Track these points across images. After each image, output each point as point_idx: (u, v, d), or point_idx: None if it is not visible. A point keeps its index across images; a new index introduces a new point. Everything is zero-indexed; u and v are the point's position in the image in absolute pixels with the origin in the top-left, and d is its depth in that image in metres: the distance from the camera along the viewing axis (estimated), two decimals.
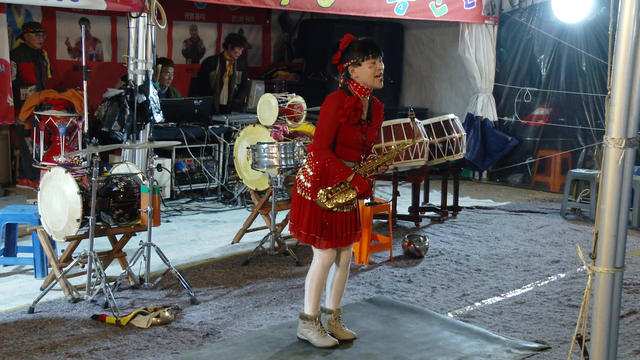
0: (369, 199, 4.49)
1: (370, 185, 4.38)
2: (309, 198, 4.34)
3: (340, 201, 4.30)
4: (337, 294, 4.60)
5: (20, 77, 8.56)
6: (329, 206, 4.28)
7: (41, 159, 7.85)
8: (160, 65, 8.70)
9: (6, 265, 5.90)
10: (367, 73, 4.29)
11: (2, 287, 5.44)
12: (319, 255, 4.43)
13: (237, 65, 9.81)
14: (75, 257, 5.12)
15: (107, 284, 4.87)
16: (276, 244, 6.38)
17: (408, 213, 7.95)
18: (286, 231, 6.55)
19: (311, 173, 4.34)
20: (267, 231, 6.41)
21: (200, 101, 8.79)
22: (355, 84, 4.33)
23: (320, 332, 4.47)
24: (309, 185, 4.34)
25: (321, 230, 4.34)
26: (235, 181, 8.61)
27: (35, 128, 8.01)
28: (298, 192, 4.40)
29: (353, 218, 4.46)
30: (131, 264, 5.32)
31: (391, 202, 7.39)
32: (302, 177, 4.40)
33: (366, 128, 4.38)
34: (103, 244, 5.73)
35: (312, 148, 4.40)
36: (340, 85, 4.40)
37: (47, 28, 9.28)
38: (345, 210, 4.38)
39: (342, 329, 4.58)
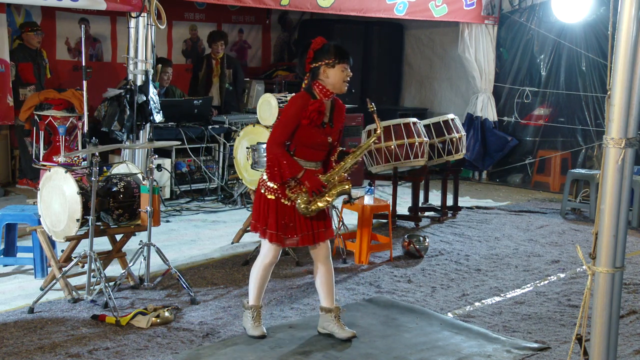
0: (348, 197, 4.52)
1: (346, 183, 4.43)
2: (272, 197, 4.41)
3: (321, 205, 4.38)
4: (327, 289, 4.62)
5: (19, 77, 8.56)
6: (311, 211, 4.37)
7: (41, 159, 7.85)
8: (159, 65, 8.70)
9: (6, 265, 5.89)
10: (338, 76, 4.37)
11: (2, 287, 5.44)
12: (266, 251, 4.53)
13: (226, 63, 9.75)
14: (75, 257, 5.12)
15: (107, 284, 4.87)
16: None
17: (408, 213, 7.95)
18: None
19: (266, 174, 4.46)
20: None
21: (200, 101, 8.80)
22: (321, 87, 4.40)
23: (254, 321, 4.58)
24: (270, 184, 4.42)
25: (284, 230, 4.43)
26: (235, 181, 8.61)
27: (35, 128, 8.01)
28: (261, 191, 4.47)
29: (321, 215, 4.50)
30: (131, 264, 5.31)
31: (391, 202, 7.40)
32: (264, 176, 4.48)
33: (329, 130, 4.45)
34: (103, 244, 5.73)
35: (267, 142, 4.48)
36: (304, 86, 4.47)
37: (46, 28, 9.28)
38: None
39: (343, 328, 4.59)
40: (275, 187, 4.40)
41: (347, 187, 4.45)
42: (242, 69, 10.40)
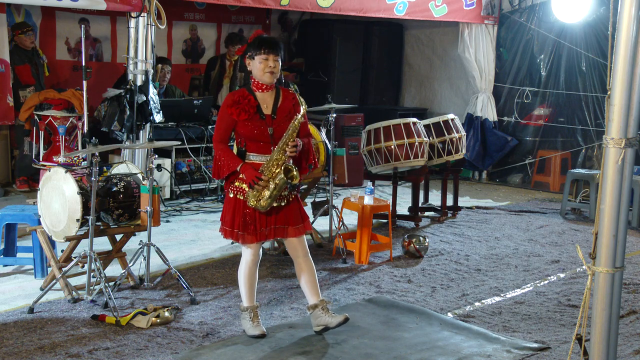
0: (291, 181, 4.43)
1: (289, 170, 4.38)
2: (231, 195, 4.47)
3: (267, 196, 4.34)
4: (310, 285, 4.61)
5: (17, 80, 8.54)
6: (263, 206, 4.37)
7: (41, 159, 7.84)
8: (159, 65, 8.69)
9: (6, 265, 5.89)
10: (257, 68, 4.43)
11: (2, 287, 5.44)
12: (243, 251, 4.58)
13: (239, 66, 9.76)
14: (74, 257, 5.12)
15: (106, 284, 4.87)
16: (276, 244, 6.38)
17: (408, 213, 7.95)
18: None
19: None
20: None
21: (200, 101, 8.80)
22: (252, 79, 4.49)
23: (252, 321, 4.58)
24: (232, 182, 4.46)
25: (244, 226, 4.45)
26: None
27: (35, 128, 8.01)
28: (226, 190, 4.54)
29: (285, 211, 4.50)
30: (131, 264, 5.31)
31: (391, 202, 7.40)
32: None
33: (270, 122, 4.45)
34: (103, 244, 5.73)
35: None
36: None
37: (46, 28, 9.28)
38: (274, 205, 4.45)
39: (333, 316, 4.59)
40: (236, 185, 4.44)
41: (283, 176, 4.33)
42: None
